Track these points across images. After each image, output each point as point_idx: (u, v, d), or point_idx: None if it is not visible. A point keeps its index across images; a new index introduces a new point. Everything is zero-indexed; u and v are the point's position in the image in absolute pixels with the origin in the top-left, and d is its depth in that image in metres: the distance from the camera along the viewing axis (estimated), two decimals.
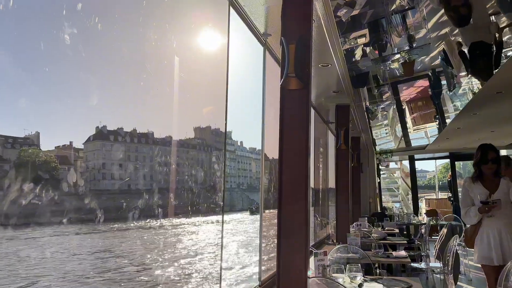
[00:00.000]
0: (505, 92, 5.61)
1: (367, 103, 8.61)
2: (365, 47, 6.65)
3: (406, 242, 6.34)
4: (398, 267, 5.63)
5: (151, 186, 23.14)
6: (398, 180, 14.93)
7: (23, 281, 10.35)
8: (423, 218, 11.79)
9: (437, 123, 10.00)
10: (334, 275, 3.25)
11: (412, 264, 5.66)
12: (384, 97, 9.57)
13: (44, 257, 12.68)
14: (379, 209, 12.05)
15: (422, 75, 9.23)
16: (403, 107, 10.95)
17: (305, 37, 2.56)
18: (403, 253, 5.01)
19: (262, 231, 3.73)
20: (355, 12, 5.55)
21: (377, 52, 6.96)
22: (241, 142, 50.59)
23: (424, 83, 9.67)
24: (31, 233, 12.95)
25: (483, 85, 5.68)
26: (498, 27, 4.99)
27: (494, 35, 4.98)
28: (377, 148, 12.43)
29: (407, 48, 7.25)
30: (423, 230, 7.31)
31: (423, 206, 14.56)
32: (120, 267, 13.95)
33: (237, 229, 26.78)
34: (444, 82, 8.07)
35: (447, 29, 6.74)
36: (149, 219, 20.58)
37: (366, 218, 7.52)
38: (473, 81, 6.81)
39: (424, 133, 11.69)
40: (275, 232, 2.56)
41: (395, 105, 10.56)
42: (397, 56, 7.54)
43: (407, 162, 13.53)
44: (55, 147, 16.66)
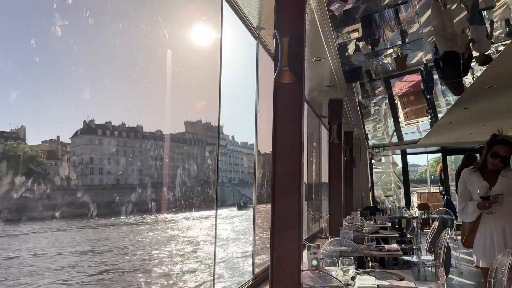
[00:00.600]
0: (496, 86, 5.66)
1: (360, 98, 8.63)
2: (358, 42, 6.66)
3: (398, 235, 6.39)
4: (390, 260, 5.68)
5: (140, 181, 22.98)
6: (391, 174, 15.03)
7: None
8: (415, 211, 11.90)
9: (429, 117, 10.06)
10: (327, 268, 3.27)
11: (404, 257, 5.71)
12: (376, 91, 9.60)
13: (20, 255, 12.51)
14: (371, 203, 12.13)
15: (415, 69, 9.26)
16: (396, 102, 11.00)
17: (299, 31, 2.55)
18: (395, 246, 5.06)
19: (255, 226, 3.74)
20: (348, 6, 5.54)
21: (369, 46, 6.97)
22: (232, 137, 50.27)
23: (417, 77, 9.71)
24: (14, 229, 12.80)
25: (475, 79, 5.73)
26: (467, 38, 5.22)
27: (465, 45, 5.26)
28: (370, 142, 12.50)
29: (399, 42, 7.26)
30: (414, 224, 7.36)
31: (415, 200, 14.68)
32: (106, 264, 13.75)
33: (222, 228, 25.43)
34: (436, 76, 8.10)
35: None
36: (139, 215, 20.36)
37: (359, 212, 7.56)
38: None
39: (416, 127, 11.76)
40: (264, 226, 2.57)
41: (387, 99, 10.60)
42: (390, 51, 7.56)
43: (397, 157, 13.65)
44: (42, 141, 16.48)
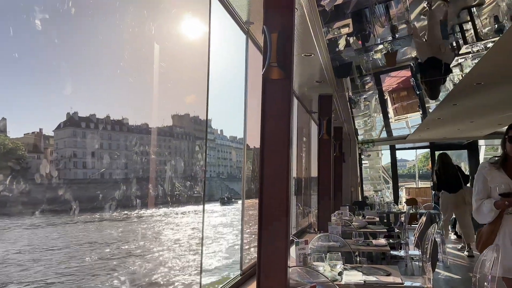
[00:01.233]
0: (484, 83, 5.71)
1: (350, 93, 8.65)
2: (348, 37, 6.66)
3: (386, 230, 6.45)
4: (378, 255, 5.72)
5: (125, 175, 22.76)
6: (379, 169, 15.15)
7: None
8: (403, 206, 12.00)
9: (420, 112, 10.13)
10: (314, 263, 3.28)
11: (392, 252, 5.76)
12: (366, 87, 9.63)
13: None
14: (360, 198, 12.22)
15: (405, 65, 9.30)
16: (385, 97, 11.05)
17: (288, 26, 2.54)
18: (383, 241, 5.10)
19: (244, 220, 3.73)
20: (338, 2, 5.54)
21: (360, 42, 6.98)
22: (221, 131, 49.97)
23: (407, 73, 9.76)
24: None
25: (463, 76, 5.78)
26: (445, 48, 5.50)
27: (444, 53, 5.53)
28: (359, 137, 12.55)
29: (390, 38, 7.28)
30: (402, 219, 7.43)
31: (403, 195, 14.81)
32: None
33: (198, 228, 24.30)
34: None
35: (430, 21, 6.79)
36: (124, 210, 20.04)
37: (348, 207, 7.61)
38: (453, 71, 6.90)
39: (405, 123, 11.84)
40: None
41: (377, 95, 10.65)
42: (380, 47, 7.57)
43: (386, 152, 13.77)
44: (24, 134, 16.23)
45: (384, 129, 12.00)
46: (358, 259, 4.47)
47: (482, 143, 12.96)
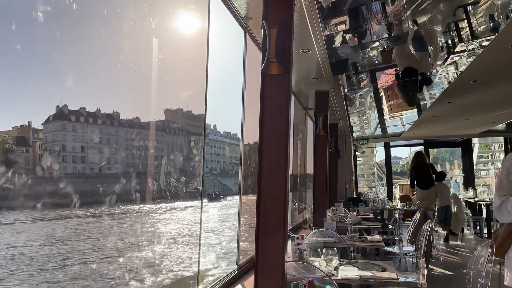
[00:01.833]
0: (479, 81, 5.75)
1: (346, 90, 8.66)
2: (345, 34, 6.66)
3: (380, 226, 6.49)
4: (372, 251, 5.76)
5: (116, 170, 22.55)
6: (374, 166, 15.21)
7: None
8: (397, 203, 12.07)
9: (413, 110, 10.17)
10: (310, 258, 3.30)
11: (386, 248, 5.81)
12: (362, 84, 9.64)
13: None
14: (354, 194, 12.27)
15: None
16: (380, 95, 11.07)
17: (287, 22, 2.53)
18: (377, 237, 5.14)
19: (240, 216, 3.74)
20: None
21: (356, 39, 6.98)
22: (214, 126, 49.45)
23: None
24: None
25: (459, 74, 5.82)
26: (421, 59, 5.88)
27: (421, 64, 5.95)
28: (354, 134, 12.59)
29: (386, 36, 7.29)
30: (396, 215, 7.49)
31: (397, 192, 14.89)
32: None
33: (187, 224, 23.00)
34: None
35: (426, 18, 6.81)
36: (108, 205, 19.60)
37: (342, 203, 7.65)
38: (449, 69, 6.94)
39: (400, 120, 11.88)
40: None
41: (372, 92, 10.66)
42: (376, 44, 7.58)
43: (381, 149, 13.83)
44: (12, 127, 16.01)
45: (379, 126, 12.04)
46: (353, 254, 4.51)
47: (476, 141, 13.05)
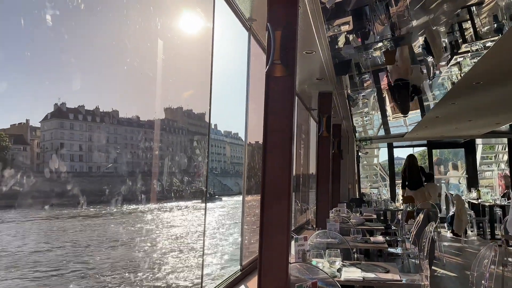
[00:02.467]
0: (483, 82, 5.73)
1: (349, 91, 8.66)
2: (348, 35, 6.65)
3: (383, 227, 6.48)
4: (375, 252, 5.76)
5: (114, 169, 22.48)
6: (377, 167, 15.19)
7: None
8: (400, 204, 12.05)
9: (416, 111, 10.15)
10: (313, 259, 3.30)
11: (389, 249, 5.80)
12: (365, 84, 9.63)
13: None
14: (357, 195, 12.26)
15: None
16: (384, 95, 11.05)
17: (292, 24, 2.54)
18: (380, 238, 5.13)
19: (244, 216, 3.75)
20: None
21: (359, 40, 6.98)
22: (215, 125, 48.96)
23: None
24: None
25: (462, 75, 5.80)
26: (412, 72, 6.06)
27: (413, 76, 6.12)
28: (357, 135, 12.58)
29: (389, 36, 7.28)
30: (399, 216, 7.48)
31: (399, 193, 14.86)
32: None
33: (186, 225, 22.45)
34: (424, 71, 8.17)
35: (429, 19, 6.80)
36: (101, 205, 19.40)
37: (345, 203, 7.64)
38: (452, 70, 6.93)
39: (403, 121, 11.86)
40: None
41: (375, 93, 10.65)
42: (380, 44, 7.57)
43: (383, 150, 13.81)
44: (10, 125, 15.98)
45: (382, 127, 12.02)
46: (356, 255, 4.51)
47: (479, 142, 13.01)
